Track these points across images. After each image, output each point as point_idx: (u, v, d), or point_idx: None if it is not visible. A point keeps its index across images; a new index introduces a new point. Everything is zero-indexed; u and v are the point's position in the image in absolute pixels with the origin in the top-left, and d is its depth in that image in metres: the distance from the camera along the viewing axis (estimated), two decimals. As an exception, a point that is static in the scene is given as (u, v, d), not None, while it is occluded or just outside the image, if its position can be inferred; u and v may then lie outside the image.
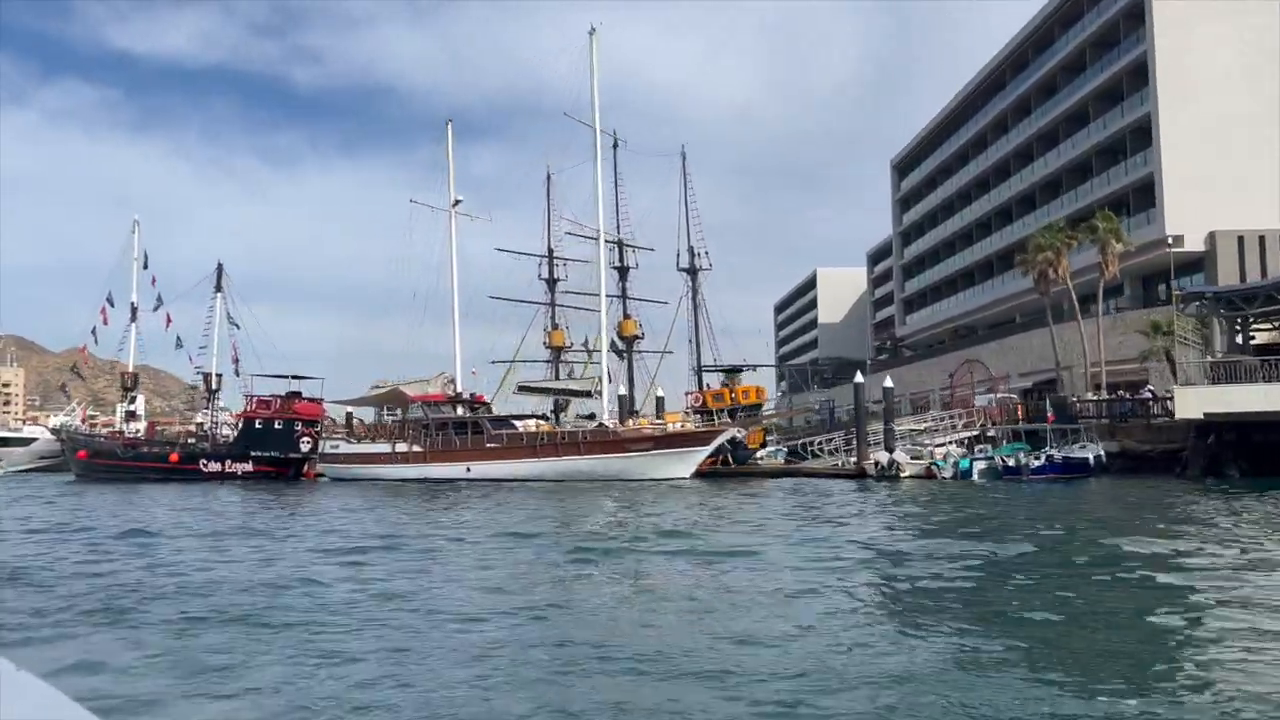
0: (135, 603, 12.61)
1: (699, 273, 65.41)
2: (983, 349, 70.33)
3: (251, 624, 11.21)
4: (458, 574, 15.58)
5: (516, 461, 45.14)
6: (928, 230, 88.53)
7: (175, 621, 11.38)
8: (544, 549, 18.32)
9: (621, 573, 15.28)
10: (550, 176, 66.32)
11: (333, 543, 20.03)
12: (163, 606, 12.36)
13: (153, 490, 44.27)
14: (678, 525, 22.32)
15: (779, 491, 34.65)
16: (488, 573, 15.43)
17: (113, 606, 12.36)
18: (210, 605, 12.37)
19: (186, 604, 12.51)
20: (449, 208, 52.98)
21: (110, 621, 11.50)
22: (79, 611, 12.03)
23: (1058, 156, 64.97)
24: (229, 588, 13.77)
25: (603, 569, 15.61)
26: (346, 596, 13.12)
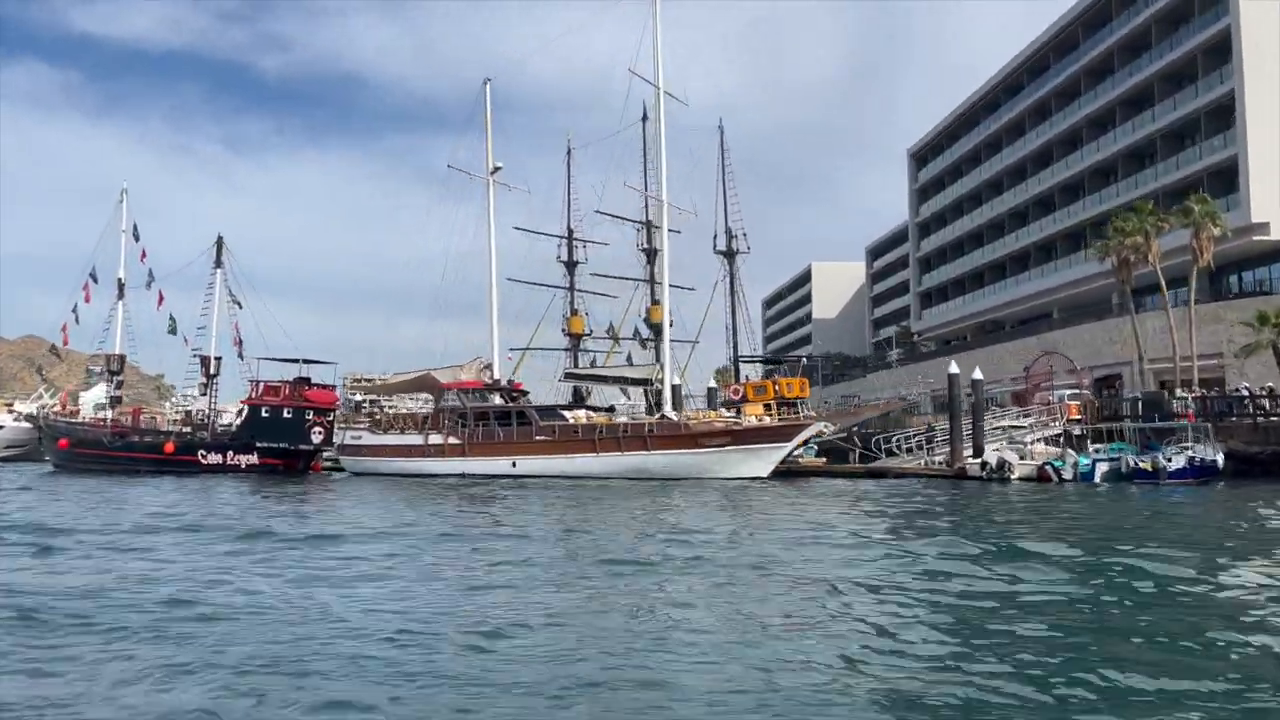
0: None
1: (736, 255, 61.33)
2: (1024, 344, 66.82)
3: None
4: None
5: (571, 456, 40.55)
6: (950, 221, 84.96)
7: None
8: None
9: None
10: (571, 151, 61.84)
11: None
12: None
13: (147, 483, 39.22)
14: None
15: (878, 495, 30.23)
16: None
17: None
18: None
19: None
20: (487, 175, 48.21)
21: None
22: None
23: (1112, 141, 61.54)
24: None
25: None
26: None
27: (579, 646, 8.98)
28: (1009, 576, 12.92)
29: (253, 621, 10.17)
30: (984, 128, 78.11)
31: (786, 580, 12.64)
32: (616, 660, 8.54)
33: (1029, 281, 72.02)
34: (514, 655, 8.74)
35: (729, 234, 60.88)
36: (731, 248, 60.74)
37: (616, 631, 9.69)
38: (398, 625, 9.91)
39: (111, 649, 9.10)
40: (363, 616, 10.41)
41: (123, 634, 9.58)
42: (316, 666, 8.36)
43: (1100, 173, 63.70)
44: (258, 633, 9.63)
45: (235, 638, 9.44)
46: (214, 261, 54.81)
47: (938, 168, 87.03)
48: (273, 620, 10.22)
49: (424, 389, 47.03)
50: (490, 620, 10.06)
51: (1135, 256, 46.99)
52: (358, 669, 8.31)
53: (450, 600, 11.64)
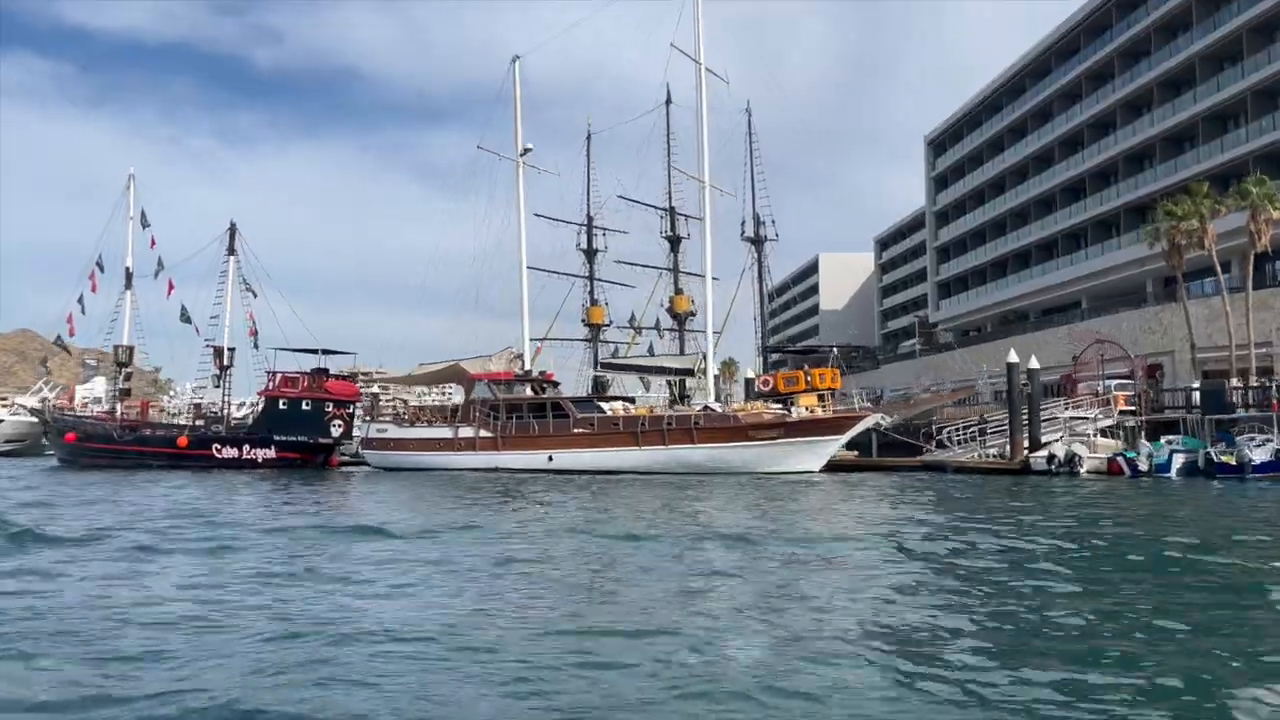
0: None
1: (765, 243, 59.57)
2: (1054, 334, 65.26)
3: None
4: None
5: (612, 450, 38.74)
6: (970, 210, 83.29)
7: None
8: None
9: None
10: (590, 136, 59.92)
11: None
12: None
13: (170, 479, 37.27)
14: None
15: (950, 493, 28.41)
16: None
17: None
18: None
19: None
20: (517, 157, 46.29)
21: None
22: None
23: (1149, 125, 59.86)
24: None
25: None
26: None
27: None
28: (1203, 591, 11.10)
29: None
30: (1007, 113, 76.47)
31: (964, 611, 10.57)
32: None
33: (1056, 270, 70.38)
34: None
35: (757, 221, 59.11)
36: (760, 235, 58.97)
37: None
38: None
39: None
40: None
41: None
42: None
43: (1135, 158, 62.06)
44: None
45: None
46: (227, 248, 52.84)
47: (957, 155, 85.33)
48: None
49: (452, 380, 45.17)
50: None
51: (1188, 241, 45.38)
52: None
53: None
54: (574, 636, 8.43)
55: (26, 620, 9.10)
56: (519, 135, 46.87)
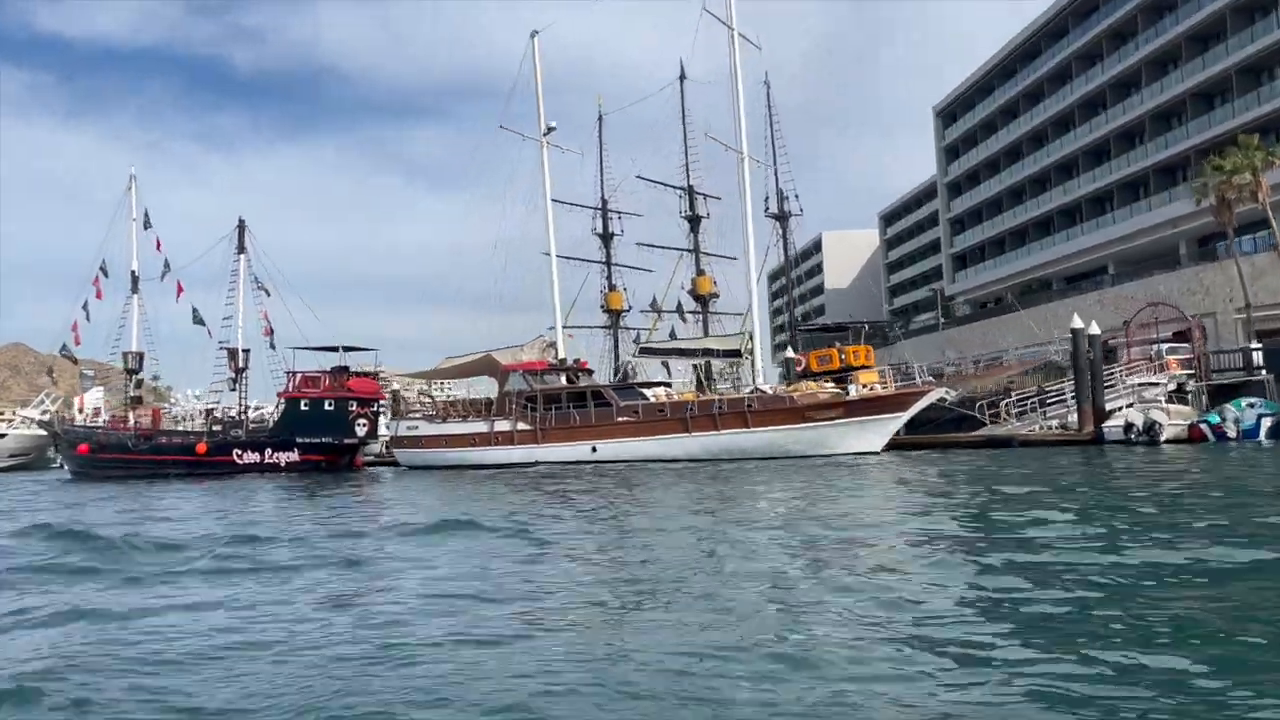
0: None
1: (789, 218, 57.91)
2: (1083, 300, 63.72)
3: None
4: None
5: (660, 438, 36.99)
6: (985, 179, 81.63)
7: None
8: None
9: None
10: (601, 118, 58.04)
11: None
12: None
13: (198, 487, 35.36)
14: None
15: (1030, 471, 26.49)
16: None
17: None
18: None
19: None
20: (539, 136, 44.42)
21: None
22: None
23: (1178, 81, 58.17)
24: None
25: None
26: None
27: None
28: None
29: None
30: (1022, 78, 74.74)
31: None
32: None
33: (1081, 236, 68.81)
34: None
35: (780, 196, 57.43)
36: (784, 210, 57.31)
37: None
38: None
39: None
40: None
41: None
42: None
43: (1162, 117, 60.45)
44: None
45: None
46: (237, 247, 50.90)
47: (968, 124, 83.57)
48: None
49: (484, 373, 43.37)
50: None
51: (1238, 195, 43.84)
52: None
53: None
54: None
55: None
56: (541, 114, 45.07)
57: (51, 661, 7.27)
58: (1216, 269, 52.82)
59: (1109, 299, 62.11)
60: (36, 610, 9.44)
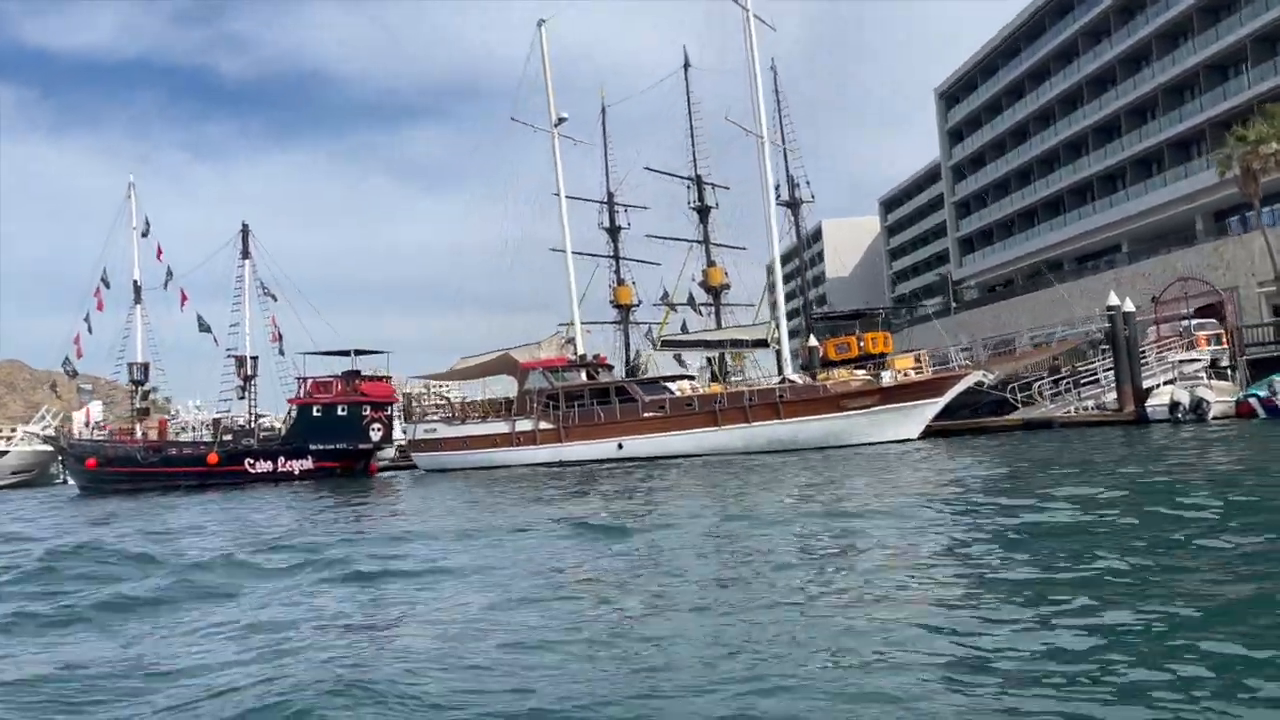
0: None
1: (801, 205, 57.08)
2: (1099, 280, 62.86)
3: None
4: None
5: (688, 433, 36.00)
6: (990, 161, 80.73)
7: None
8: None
9: None
10: (605, 110, 56.96)
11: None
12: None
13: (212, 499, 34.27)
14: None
15: (1079, 451, 25.57)
16: None
17: None
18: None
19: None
20: (551, 128, 43.38)
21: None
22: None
23: (1190, 53, 57.25)
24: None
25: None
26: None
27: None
28: None
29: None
30: (1026, 56, 73.81)
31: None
32: None
33: (1093, 215, 67.93)
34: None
35: (791, 182, 56.61)
36: (795, 197, 56.49)
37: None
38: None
39: None
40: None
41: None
42: None
43: (1175, 90, 59.52)
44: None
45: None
46: (241, 252, 49.77)
47: (971, 105, 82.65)
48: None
49: (502, 371, 42.33)
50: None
51: (1263, 166, 42.94)
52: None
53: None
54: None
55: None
56: (551, 104, 44.00)
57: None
58: (1237, 243, 51.98)
59: (1126, 277, 61.29)
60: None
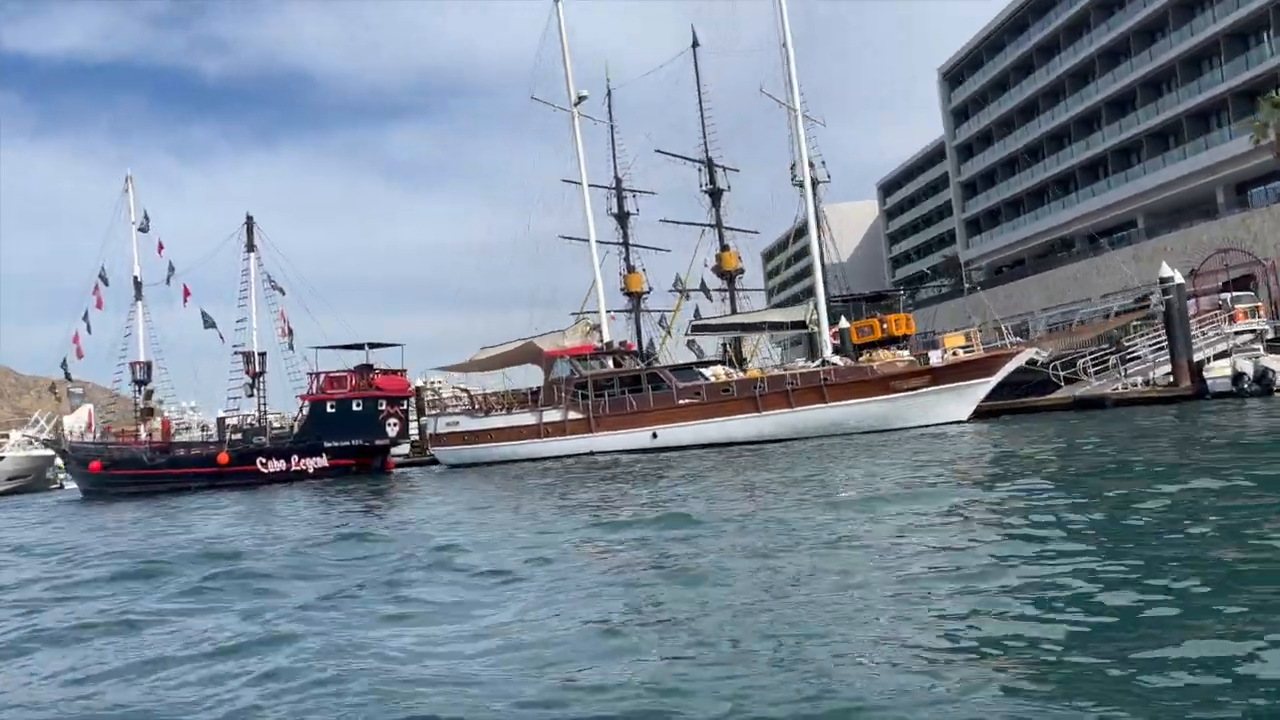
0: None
1: (818, 186, 55.72)
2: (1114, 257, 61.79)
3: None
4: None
5: (727, 419, 34.60)
6: (997, 139, 79.49)
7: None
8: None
9: None
10: (611, 93, 55.45)
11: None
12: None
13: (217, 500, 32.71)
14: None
15: (1154, 431, 24.21)
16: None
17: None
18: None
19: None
20: (570, 106, 41.86)
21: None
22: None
23: (1209, 22, 56.03)
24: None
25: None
26: None
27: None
28: None
29: None
30: (1035, 31, 72.53)
31: None
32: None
33: (1107, 191, 66.75)
34: None
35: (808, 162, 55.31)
36: (812, 177, 55.16)
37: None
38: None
39: None
40: None
41: None
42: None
43: (1193, 61, 58.31)
44: None
45: None
46: (246, 245, 48.11)
47: (977, 84, 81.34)
48: None
49: (526, 361, 40.87)
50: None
51: (1300, 133, 41.87)
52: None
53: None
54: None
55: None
56: (570, 83, 42.44)
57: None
58: (1265, 214, 50.86)
59: (1146, 253, 60.22)
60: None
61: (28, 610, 10.64)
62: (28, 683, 7.15)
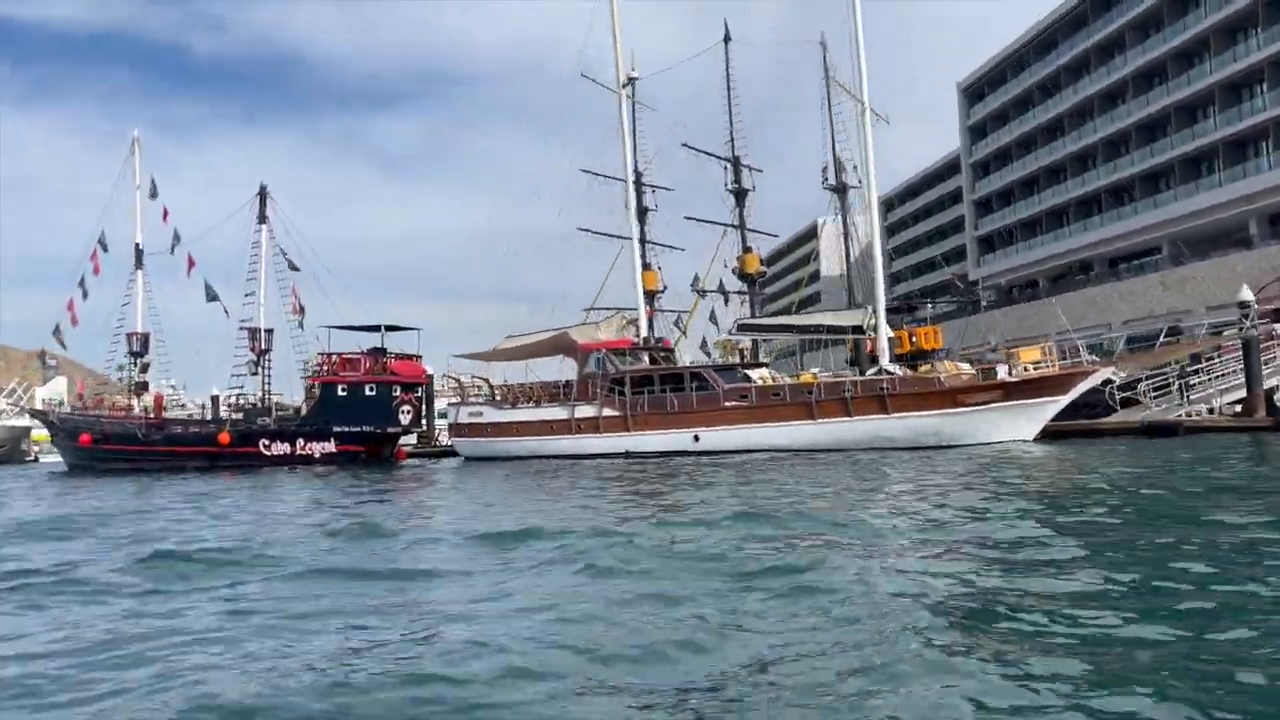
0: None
1: (849, 190, 54.36)
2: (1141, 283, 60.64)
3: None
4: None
5: (777, 425, 32.66)
6: (1017, 158, 78.32)
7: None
8: None
9: None
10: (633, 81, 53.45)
11: None
12: None
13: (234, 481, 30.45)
14: None
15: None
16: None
17: None
18: None
19: None
20: (618, 88, 39.88)
21: None
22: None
23: (1252, 50, 54.88)
24: None
25: None
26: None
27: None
28: None
29: None
30: (1063, 50, 71.36)
31: None
32: None
33: (1133, 216, 65.52)
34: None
35: (838, 166, 53.88)
36: (842, 181, 53.72)
37: None
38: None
39: None
40: None
41: None
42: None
43: (1233, 87, 57.19)
44: None
45: None
46: (258, 216, 45.69)
47: (998, 101, 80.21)
48: None
49: (559, 352, 38.80)
50: None
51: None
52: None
53: None
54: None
55: None
56: (619, 63, 40.45)
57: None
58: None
59: (1173, 280, 59.11)
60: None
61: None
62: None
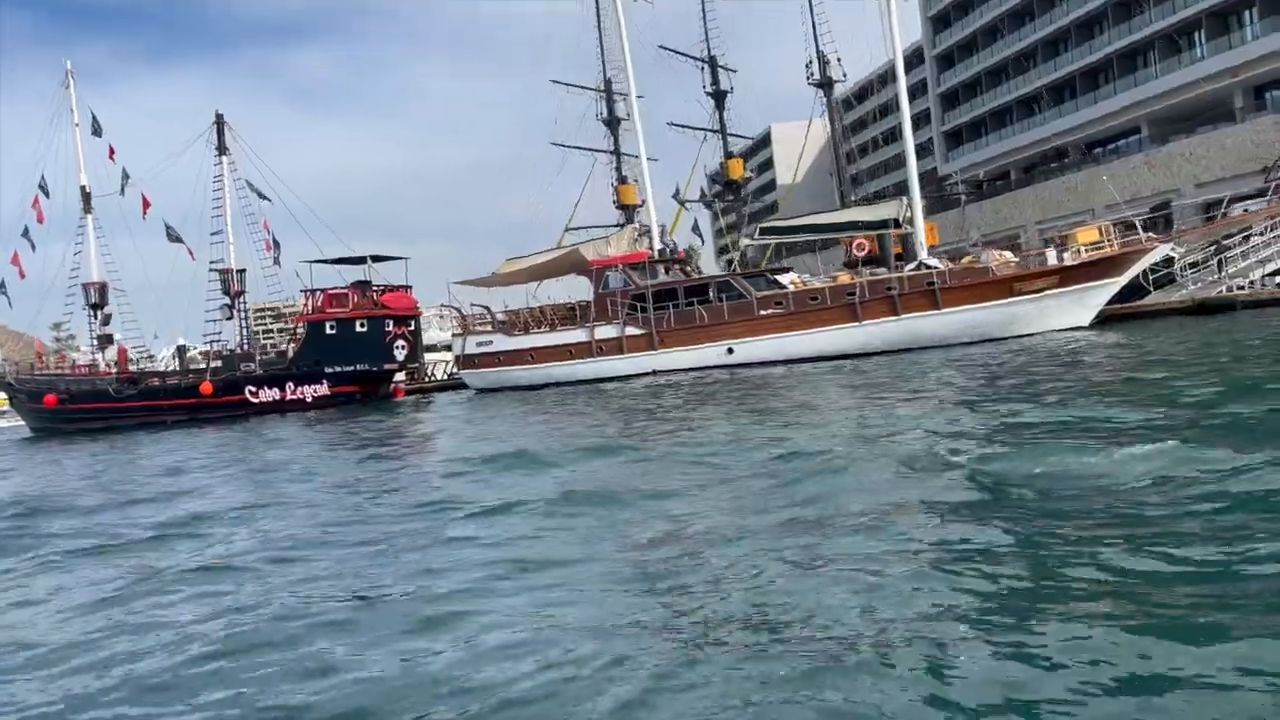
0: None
1: (834, 85, 52.70)
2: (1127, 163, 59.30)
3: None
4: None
5: (818, 331, 30.73)
6: (983, 47, 76.23)
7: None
8: None
9: None
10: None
11: None
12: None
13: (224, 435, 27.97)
14: None
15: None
16: None
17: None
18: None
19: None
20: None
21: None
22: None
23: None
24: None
25: None
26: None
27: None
28: None
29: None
30: (1029, -69, 69.00)
31: None
32: None
33: (1112, 97, 64.00)
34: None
35: (822, 60, 52.27)
36: (828, 76, 52.12)
37: None
38: None
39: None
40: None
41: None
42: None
43: (1215, -43, 55.38)
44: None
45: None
46: (216, 148, 42.18)
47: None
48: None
49: (570, 271, 36.36)
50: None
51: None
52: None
53: None
54: None
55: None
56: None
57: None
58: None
59: (1159, 159, 57.83)
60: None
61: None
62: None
